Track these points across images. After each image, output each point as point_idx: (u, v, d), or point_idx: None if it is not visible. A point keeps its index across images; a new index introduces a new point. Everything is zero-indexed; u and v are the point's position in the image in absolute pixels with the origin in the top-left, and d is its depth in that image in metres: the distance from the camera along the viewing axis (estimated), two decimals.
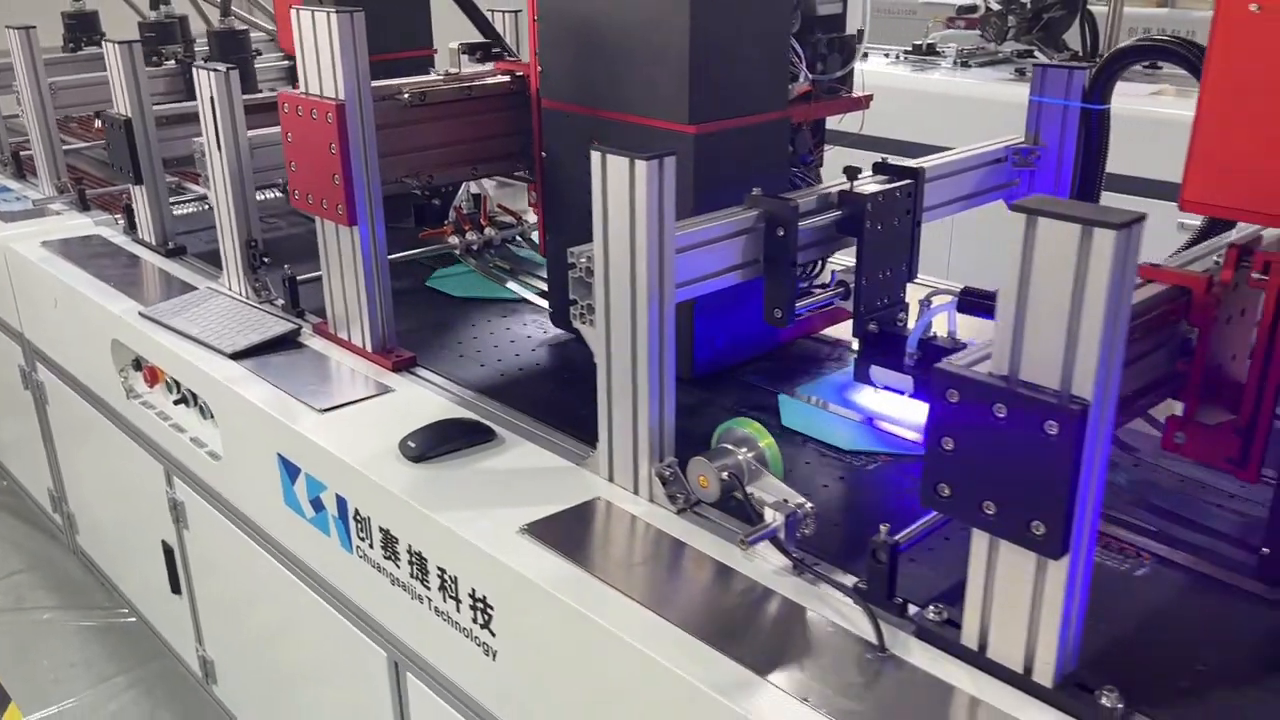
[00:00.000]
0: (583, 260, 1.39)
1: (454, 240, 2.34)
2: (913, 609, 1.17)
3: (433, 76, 2.10)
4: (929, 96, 4.13)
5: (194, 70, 2.07)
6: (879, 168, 1.69)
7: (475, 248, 2.34)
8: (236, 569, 2.02)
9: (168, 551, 2.28)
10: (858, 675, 1.09)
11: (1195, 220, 1.47)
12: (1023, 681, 1.06)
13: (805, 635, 1.16)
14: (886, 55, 4.98)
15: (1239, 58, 1.08)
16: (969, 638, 1.10)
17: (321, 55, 1.73)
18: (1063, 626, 1.02)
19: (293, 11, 1.74)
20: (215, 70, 2.02)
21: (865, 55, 1.93)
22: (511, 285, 2.22)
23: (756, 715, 1.04)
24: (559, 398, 1.73)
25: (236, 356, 1.89)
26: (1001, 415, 0.98)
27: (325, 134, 1.75)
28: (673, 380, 1.39)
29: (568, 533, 1.35)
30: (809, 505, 1.29)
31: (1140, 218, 0.90)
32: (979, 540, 1.06)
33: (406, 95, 1.95)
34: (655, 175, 1.27)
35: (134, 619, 2.79)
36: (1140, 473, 1.47)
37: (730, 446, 1.38)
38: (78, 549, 2.97)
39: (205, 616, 2.27)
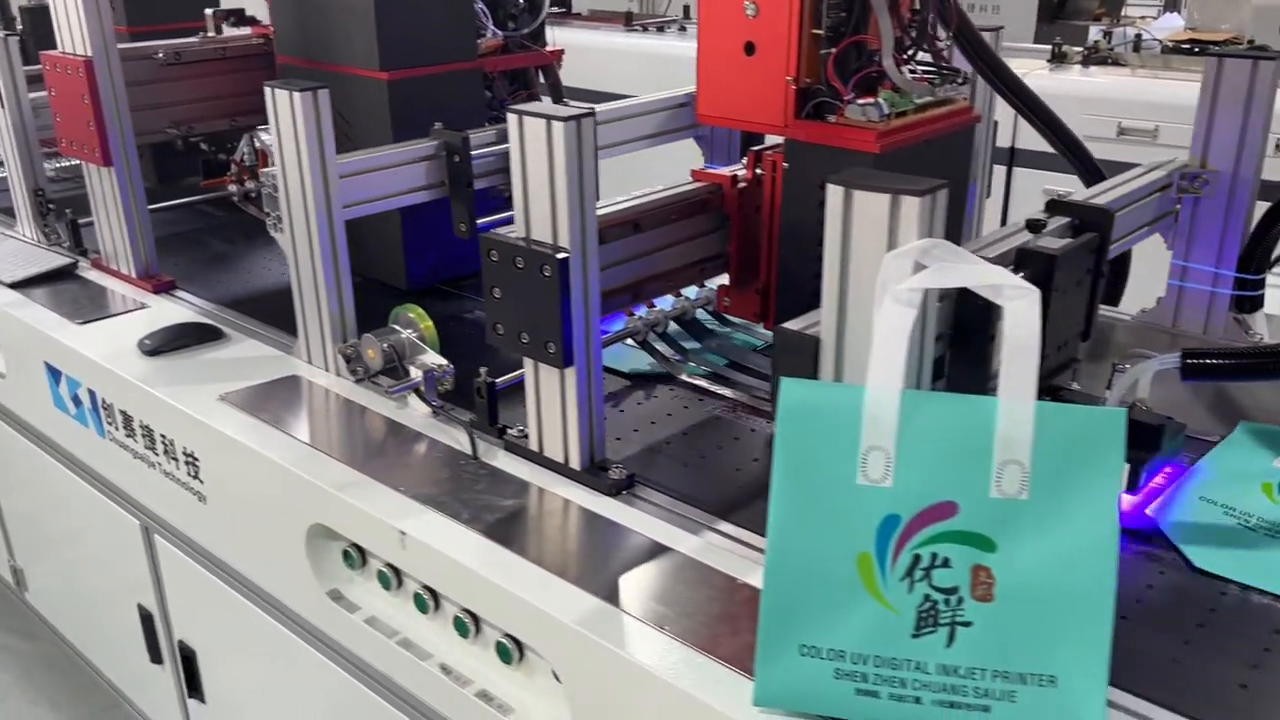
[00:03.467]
0: (269, 179, 1.71)
1: (233, 189, 2.62)
2: (509, 432, 1.53)
3: (189, 39, 2.38)
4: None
5: None
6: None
7: (253, 195, 2.63)
8: (28, 477, 2.29)
9: None
10: (447, 474, 1.44)
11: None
12: (563, 468, 1.42)
13: (426, 457, 1.51)
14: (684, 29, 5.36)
15: (714, 4, 1.45)
16: (533, 443, 1.46)
17: (71, 18, 2.01)
18: (582, 423, 1.39)
19: None
20: None
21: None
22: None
23: (366, 506, 1.39)
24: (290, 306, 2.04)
25: (15, 286, 2.16)
26: (521, 266, 1.33)
27: (78, 87, 2.03)
28: (348, 276, 1.72)
29: (260, 399, 1.68)
30: (449, 366, 1.63)
31: (589, 112, 1.26)
32: (528, 366, 1.41)
33: (161, 55, 2.23)
34: (310, 106, 1.60)
35: None
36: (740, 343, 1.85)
37: (397, 327, 1.72)
38: None
39: (13, 530, 2.53)
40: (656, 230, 1.54)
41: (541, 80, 2.38)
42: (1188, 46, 3.97)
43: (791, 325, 1.10)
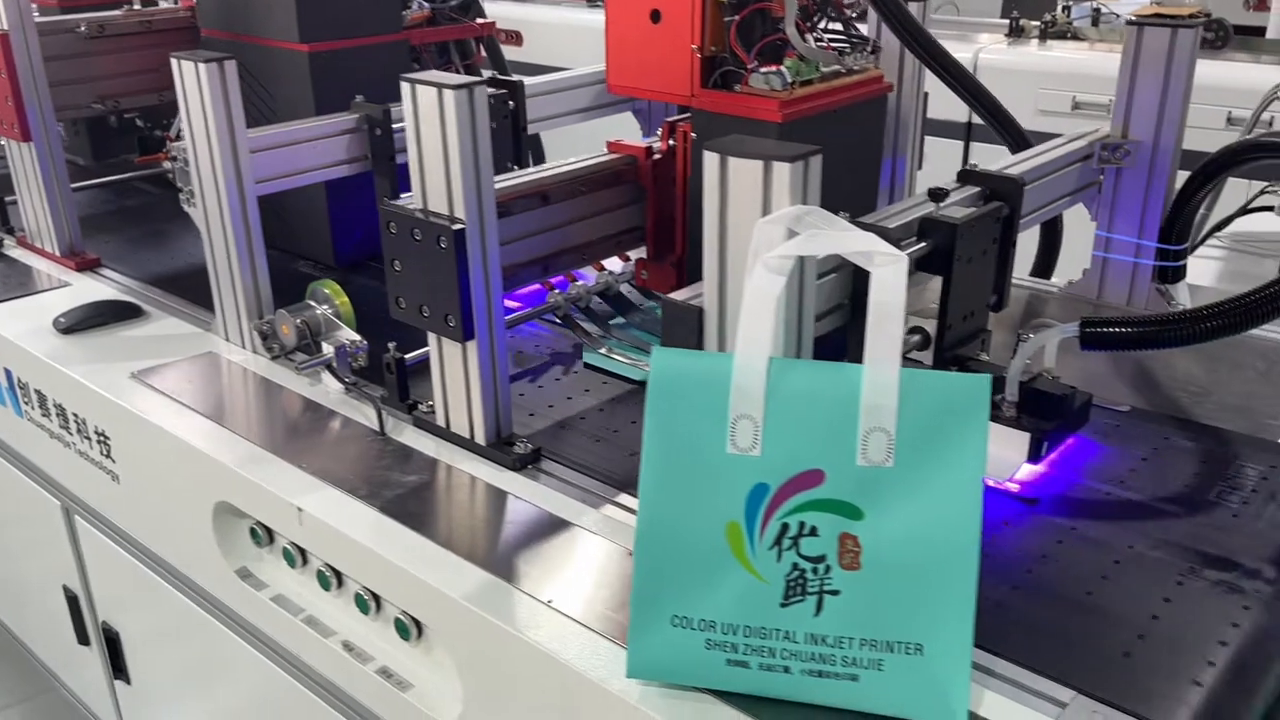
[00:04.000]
0: (180, 153, 1.68)
1: (168, 165, 2.58)
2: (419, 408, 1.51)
3: (113, 12, 2.33)
4: None
5: None
6: (490, 81, 2.01)
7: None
8: None
9: None
10: (354, 450, 1.43)
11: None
12: (468, 443, 1.41)
13: (336, 434, 1.49)
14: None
15: None
16: (440, 419, 1.44)
17: None
18: (486, 398, 1.37)
19: None
20: None
21: None
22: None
23: (267, 483, 1.37)
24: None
25: None
26: (419, 238, 1.31)
27: None
28: (263, 251, 1.69)
29: (174, 376, 1.65)
30: (362, 342, 1.61)
31: (480, 83, 1.24)
32: (432, 340, 1.39)
33: (83, 28, 2.19)
34: (217, 77, 1.56)
35: None
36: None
37: (312, 303, 1.69)
38: None
39: None
40: (567, 203, 1.52)
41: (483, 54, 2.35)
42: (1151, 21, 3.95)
43: (677, 295, 1.09)
